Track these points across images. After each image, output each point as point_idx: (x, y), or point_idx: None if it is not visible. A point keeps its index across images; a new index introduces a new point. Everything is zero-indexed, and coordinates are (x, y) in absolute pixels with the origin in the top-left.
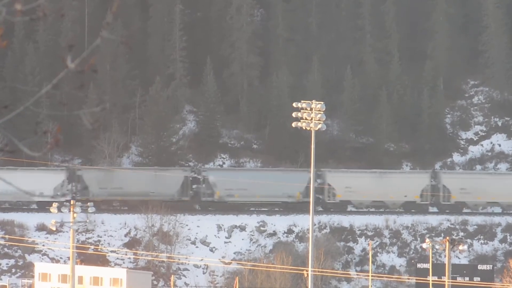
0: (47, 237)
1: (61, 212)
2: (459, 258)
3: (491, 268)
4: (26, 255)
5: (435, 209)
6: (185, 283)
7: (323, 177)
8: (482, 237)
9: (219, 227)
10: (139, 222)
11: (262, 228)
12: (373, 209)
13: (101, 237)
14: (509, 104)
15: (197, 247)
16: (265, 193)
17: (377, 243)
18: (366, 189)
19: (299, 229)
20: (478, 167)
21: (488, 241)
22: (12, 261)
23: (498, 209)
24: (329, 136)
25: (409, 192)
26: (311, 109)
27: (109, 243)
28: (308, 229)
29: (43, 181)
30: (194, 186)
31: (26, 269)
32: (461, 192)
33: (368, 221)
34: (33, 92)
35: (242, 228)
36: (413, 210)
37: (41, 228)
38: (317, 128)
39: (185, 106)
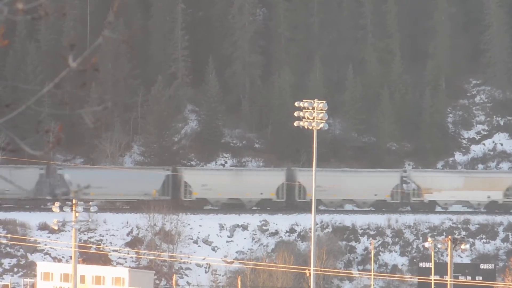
0: (49, 236)
1: (63, 211)
2: (461, 257)
3: (493, 267)
4: (28, 254)
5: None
6: (187, 282)
7: (181, 175)
8: (484, 236)
9: (221, 226)
10: (141, 221)
11: (264, 227)
12: (373, 209)
13: (103, 236)
14: (511, 103)
15: (199, 246)
16: (122, 191)
17: (379, 242)
18: (222, 186)
19: (301, 228)
20: (480, 166)
21: (490, 240)
22: (14, 260)
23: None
24: (331, 135)
25: (265, 190)
26: (313, 108)
27: (111, 242)
28: (310, 228)
29: None
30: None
31: (28, 269)
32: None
33: (370, 220)
34: (35, 91)
35: (244, 227)
36: (268, 208)
37: (43, 227)
38: (319, 127)
39: (187, 105)
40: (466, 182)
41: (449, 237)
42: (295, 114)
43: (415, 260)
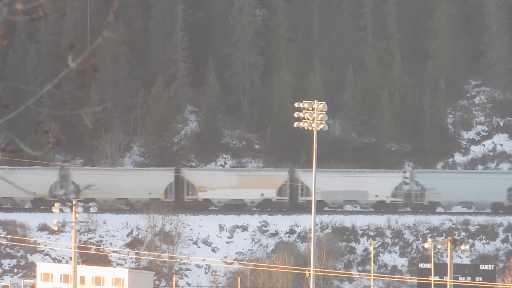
0: (49, 237)
1: (63, 212)
2: (461, 258)
3: (493, 268)
4: (28, 255)
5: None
6: (187, 283)
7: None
8: (484, 237)
9: (221, 227)
10: (141, 222)
11: (264, 228)
12: (373, 210)
13: (103, 237)
14: (511, 104)
15: (199, 247)
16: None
17: (379, 243)
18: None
19: (301, 229)
20: (480, 167)
21: (490, 241)
22: (14, 261)
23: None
24: (331, 136)
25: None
26: (313, 109)
27: (111, 243)
28: (310, 229)
29: None
30: None
31: (28, 269)
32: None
33: (370, 221)
34: (35, 91)
35: (244, 228)
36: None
37: (43, 228)
38: (319, 128)
39: (187, 106)
40: (240, 181)
41: (449, 238)
42: (295, 115)
43: (415, 261)
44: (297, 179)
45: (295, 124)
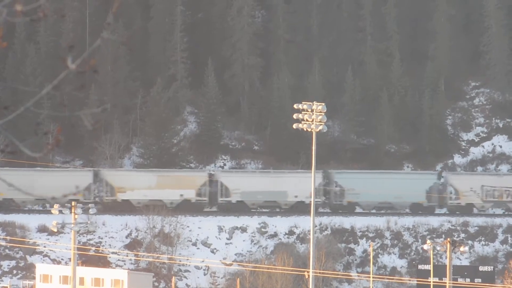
0: (48, 239)
1: (62, 213)
2: (460, 260)
3: (492, 270)
4: (27, 257)
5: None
6: (186, 284)
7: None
8: (483, 238)
9: (220, 229)
10: (140, 223)
11: (263, 229)
12: (374, 211)
13: (102, 238)
14: (510, 105)
15: (198, 248)
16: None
17: (378, 244)
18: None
19: (300, 230)
20: (479, 168)
21: (489, 243)
22: (13, 263)
23: (499, 211)
24: (330, 137)
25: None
26: (312, 111)
27: (110, 245)
28: (309, 230)
29: None
30: None
31: (27, 271)
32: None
33: (369, 222)
34: (34, 93)
35: (243, 229)
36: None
37: (42, 229)
38: (318, 130)
39: (186, 107)
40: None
41: (448, 239)
42: (294, 116)
43: (414, 262)
44: (217, 180)
45: (294, 125)
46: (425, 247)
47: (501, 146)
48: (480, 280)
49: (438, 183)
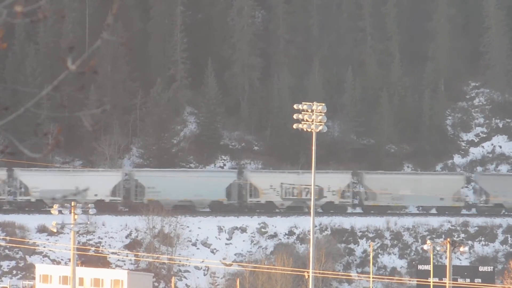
0: (48, 239)
1: (62, 213)
2: (460, 260)
3: (492, 270)
4: (27, 257)
5: None
6: (186, 284)
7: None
8: (483, 238)
9: (220, 229)
10: (140, 223)
11: (263, 230)
12: (373, 211)
13: (102, 238)
14: (510, 106)
15: (198, 248)
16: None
17: (378, 244)
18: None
19: (300, 230)
20: (479, 168)
21: (489, 243)
22: (13, 263)
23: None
24: (330, 137)
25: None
26: (312, 111)
27: (110, 245)
28: (309, 231)
29: None
30: None
31: (27, 271)
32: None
33: (369, 222)
34: (34, 93)
35: (243, 230)
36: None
37: (42, 229)
38: (318, 130)
39: (186, 107)
40: None
41: (448, 239)
42: (294, 116)
43: (414, 262)
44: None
45: (294, 126)
46: (425, 247)
47: (500, 147)
48: (480, 280)
49: (238, 181)
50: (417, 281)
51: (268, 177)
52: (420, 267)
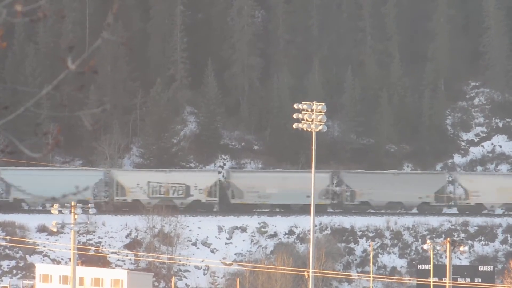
0: (48, 238)
1: (62, 213)
2: (460, 259)
3: (492, 269)
4: (27, 256)
5: None
6: (186, 284)
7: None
8: (483, 238)
9: (220, 228)
10: (140, 223)
11: (263, 229)
12: (373, 211)
13: (102, 238)
14: (509, 105)
15: (198, 248)
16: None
17: (378, 244)
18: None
19: (300, 230)
20: (479, 168)
21: (489, 242)
22: (13, 262)
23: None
24: (330, 137)
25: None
26: (311, 111)
27: (110, 245)
28: (309, 230)
29: None
30: None
31: (27, 270)
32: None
33: (369, 222)
34: (34, 93)
35: (243, 229)
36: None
37: (42, 229)
38: (318, 130)
39: (186, 107)
40: None
41: (448, 239)
42: (294, 116)
43: (414, 262)
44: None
45: (294, 125)
46: (425, 247)
47: (500, 146)
48: (480, 280)
49: (104, 180)
50: (417, 280)
51: (135, 176)
52: (420, 266)
